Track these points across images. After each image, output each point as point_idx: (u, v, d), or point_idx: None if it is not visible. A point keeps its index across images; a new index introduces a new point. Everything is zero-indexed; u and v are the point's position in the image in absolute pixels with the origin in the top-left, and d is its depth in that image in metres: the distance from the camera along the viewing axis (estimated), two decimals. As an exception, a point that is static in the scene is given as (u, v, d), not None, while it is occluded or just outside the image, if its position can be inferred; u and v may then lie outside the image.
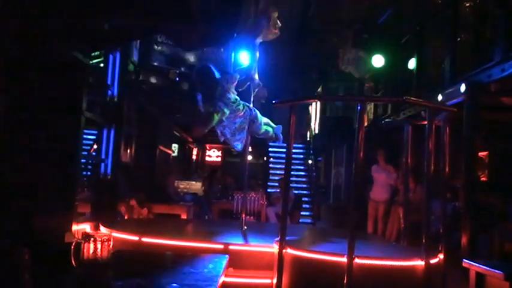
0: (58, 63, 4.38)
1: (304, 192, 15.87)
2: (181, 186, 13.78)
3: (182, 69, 10.62)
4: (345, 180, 13.74)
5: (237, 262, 4.07)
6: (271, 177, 16.07)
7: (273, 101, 4.69)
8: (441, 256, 4.15)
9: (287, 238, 4.02)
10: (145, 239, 4.45)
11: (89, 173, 7.31)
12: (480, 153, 8.72)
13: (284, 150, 4.37)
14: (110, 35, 5.18)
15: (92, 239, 2.10)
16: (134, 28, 5.20)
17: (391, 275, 3.83)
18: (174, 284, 2.23)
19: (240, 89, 5.48)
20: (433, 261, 3.98)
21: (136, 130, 8.92)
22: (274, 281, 4.00)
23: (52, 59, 4.33)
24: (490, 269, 4.17)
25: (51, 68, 4.32)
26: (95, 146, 6.33)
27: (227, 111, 4.99)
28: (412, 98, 3.86)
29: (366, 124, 4.77)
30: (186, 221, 8.01)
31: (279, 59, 5.85)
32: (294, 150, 4.53)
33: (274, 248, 4.16)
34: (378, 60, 12.03)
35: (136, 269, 2.46)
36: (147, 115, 10.13)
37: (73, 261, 2.08)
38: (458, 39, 8.73)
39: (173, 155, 15.06)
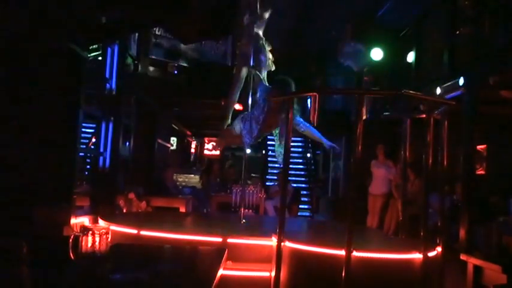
0: (56, 57, 4.37)
1: (303, 185, 15.88)
2: (180, 179, 13.79)
3: (180, 62, 10.60)
4: (343, 173, 13.75)
5: (236, 255, 4.09)
6: (269, 171, 16.07)
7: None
8: (439, 249, 4.17)
9: (285, 231, 4.03)
10: (143, 232, 4.46)
11: (87, 166, 7.30)
12: (478, 147, 8.72)
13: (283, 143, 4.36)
14: (109, 27, 5.17)
15: (91, 232, 2.09)
16: (133, 21, 5.19)
17: (389, 268, 3.85)
18: (172, 277, 2.23)
19: None
20: (431, 254, 4.00)
21: (135, 123, 8.91)
22: (273, 274, 4.01)
23: (50, 53, 4.31)
24: (488, 261, 4.20)
25: (49, 62, 4.31)
26: (94, 140, 6.32)
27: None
28: (410, 92, 3.86)
29: (364, 117, 4.76)
30: (185, 214, 8.02)
31: (277, 52, 5.84)
32: (292, 144, 4.53)
33: (273, 241, 4.17)
34: (376, 54, 12.00)
35: (134, 262, 2.46)
36: (145, 108, 10.11)
37: (71, 254, 2.08)
38: (457, 32, 8.71)
39: (172, 148, 15.05)
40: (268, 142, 16.87)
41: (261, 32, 5.77)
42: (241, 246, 4.37)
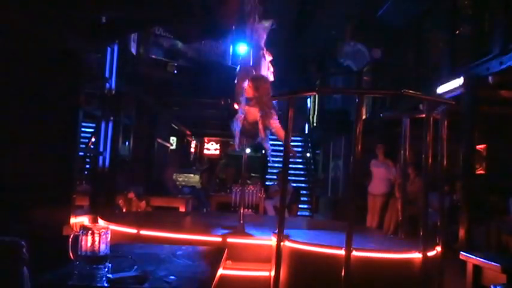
0: (56, 56, 4.37)
1: (303, 185, 15.87)
2: (180, 179, 13.79)
3: (180, 61, 10.59)
4: (343, 173, 13.76)
5: (235, 255, 4.09)
6: (269, 170, 16.06)
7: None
8: (438, 249, 4.16)
9: (285, 231, 4.03)
10: (143, 232, 4.45)
11: (87, 165, 7.31)
12: (478, 146, 8.72)
13: (282, 143, 4.36)
14: (109, 27, 5.17)
15: (90, 231, 2.10)
16: (133, 20, 5.19)
17: (389, 268, 3.84)
18: (172, 276, 2.24)
19: None
20: (430, 253, 3.99)
21: (135, 123, 8.92)
22: (272, 273, 4.01)
23: (50, 52, 4.32)
24: (487, 261, 4.19)
25: (49, 61, 4.31)
26: (93, 139, 6.32)
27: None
28: (410, 91, 3.86)
29: (364, 117, 4.77)
30: (185, 213, 8.01)
31: (277, 51, 5.84)
32: (292, 143, 4.53)
33: (272, 241, 4.17)
34: (376, 53, 12.01)
35: (134, 262, 2.46)
36: (145, 108, 10.11)
37: (71, 254, 2.08)
38: (457, 32, 8.72)
39: (171, 147, 15.04)
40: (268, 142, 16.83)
41: (262, 42, 5.74)
42: (241, 245, 4.37)
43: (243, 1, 5.51)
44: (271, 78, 5.60)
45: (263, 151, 17.19)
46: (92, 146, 6.33)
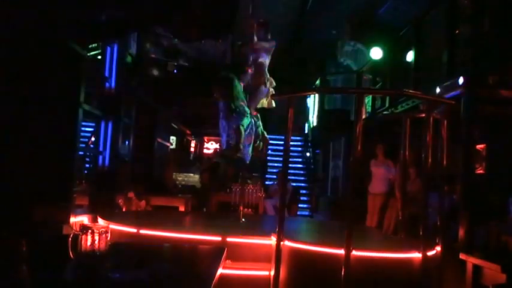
0: (56, 56, 4.37)
1: (302, 184, 15.86)
2: (180, 178, 13.78)
3: (180, 61, 10.59)
4: (342, 172, 13.74)
5: (235, 254, 4.09)
6: (269, 170, 16.04)
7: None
8: (438, 248, 4.17)
9: (284, 230, 4.03)
10: (143, 231, 4.46)
11: (87, 165, 7.31)
12: (478, 146, 8.71)
13: (282, 142, 4.37)
14: (109, 27, 5.17)
15: (90, 231, 2.09)
16: (133, 20, 5.19)
17: (389, 267, 3.85)
18: (171, 276, 2.23)
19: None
20: (430, 253, 4.00)
21: (134, 122, 8.91)
22: (272, 273, 4.02)
23: (50, 52, 4.32)
24: (487, 261, 4.20)
25: (49, 61, 4.31)
26: (93, 139, 6.32)
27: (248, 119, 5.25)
28: (410, 91, 3.87)
29: (364, 117, 4.77)
30: (184, 213, 8.02)
31: (277, 51, 5.85)
32: (292, 143, 4.53)
33: (272, 240, 4.18)
34: (376, 53, 12.00)
35: (134, 261, 2.46)
36: (145, 107, 10.10)
37: (71, 253, 2.08)
38: (457, 31, 8.70)
39: (171, 147, 15.04)
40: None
41: (266, 62, 5.76)
42: (241, 245, 4.37)
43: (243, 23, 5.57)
44: (272, 104, 5.69)
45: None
46: (91, 146, 6.32)
